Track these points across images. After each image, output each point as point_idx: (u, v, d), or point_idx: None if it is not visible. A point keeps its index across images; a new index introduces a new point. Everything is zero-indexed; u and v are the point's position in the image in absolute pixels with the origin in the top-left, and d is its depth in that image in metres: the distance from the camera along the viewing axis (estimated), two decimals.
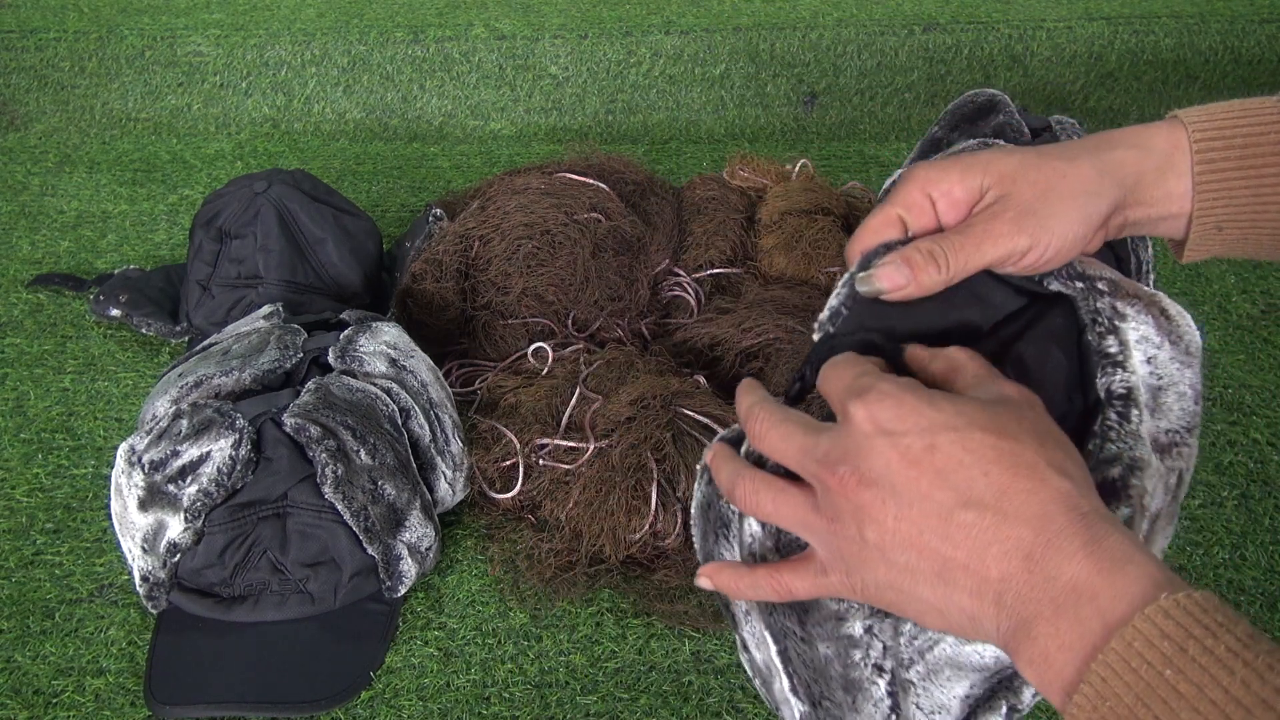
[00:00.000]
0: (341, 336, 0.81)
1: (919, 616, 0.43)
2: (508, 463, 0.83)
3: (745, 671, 0.53)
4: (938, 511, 0.41)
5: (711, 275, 1.02)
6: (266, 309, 0.86)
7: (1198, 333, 0.50)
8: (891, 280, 0.52)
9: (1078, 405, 0.49)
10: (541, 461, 0.82)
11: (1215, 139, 0.52)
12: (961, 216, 0.52)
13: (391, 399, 0.77)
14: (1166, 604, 0.36)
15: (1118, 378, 0.48)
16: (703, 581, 0.50)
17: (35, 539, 0.81)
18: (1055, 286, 0.51)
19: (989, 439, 0.42)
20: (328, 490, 0.70)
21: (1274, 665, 0.33)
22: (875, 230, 0.55)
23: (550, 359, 0.91)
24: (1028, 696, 0.45)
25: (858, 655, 0.47)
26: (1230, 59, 1.46)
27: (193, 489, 0.69)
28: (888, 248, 0.51)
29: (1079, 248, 0.51)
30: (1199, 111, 0.53)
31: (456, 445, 0.80)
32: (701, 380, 0.88)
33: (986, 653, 0.45)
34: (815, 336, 0.53)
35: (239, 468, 0.69)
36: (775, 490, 0.46)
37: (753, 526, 0.50)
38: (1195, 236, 0.53)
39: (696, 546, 0.55)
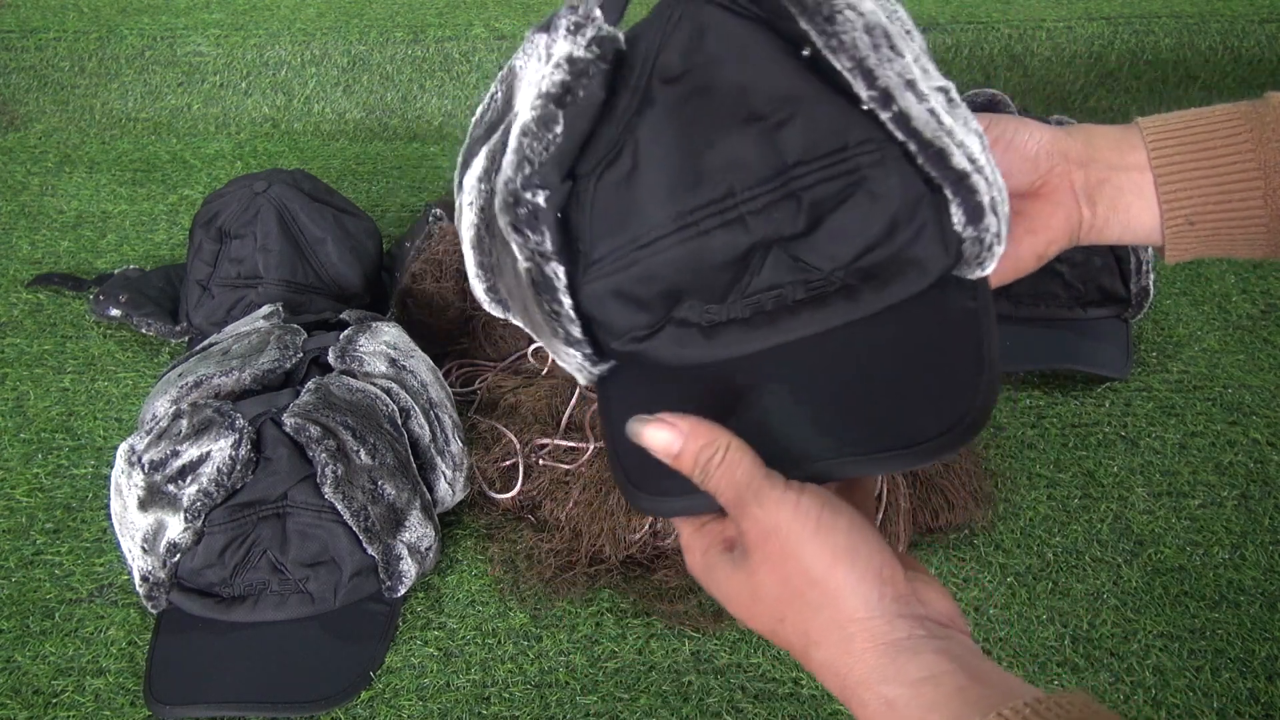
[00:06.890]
0: (341, 336, 0.81)
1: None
2: (508, 463, 0.83)
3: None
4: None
5: None
6: (266, 309, 0.86)
7: None
8: None
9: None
10: (541, 461, 0.82)
11: (1169, 139, 0.56)
12: None
13: (391, 399, 0.77)
14: None
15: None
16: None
17: (35, 539, 0.81)
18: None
19: (742, 612, 0.43)
20: (327, 490, 0.70)
21: None
22: None
23: (550, 359, 0.91)
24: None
25: None
26: (1230, 59, 1.46)
27: (193, 489, 0.69)
28: None
29: (1036, 266, 0.60)
30: (1155, 119, 0.57)
31: (456, 445, 0.80)
32: None
33: None
34: None
35: (239, 468, 0.69)
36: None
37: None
38: (1170, 234, 0.57)
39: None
